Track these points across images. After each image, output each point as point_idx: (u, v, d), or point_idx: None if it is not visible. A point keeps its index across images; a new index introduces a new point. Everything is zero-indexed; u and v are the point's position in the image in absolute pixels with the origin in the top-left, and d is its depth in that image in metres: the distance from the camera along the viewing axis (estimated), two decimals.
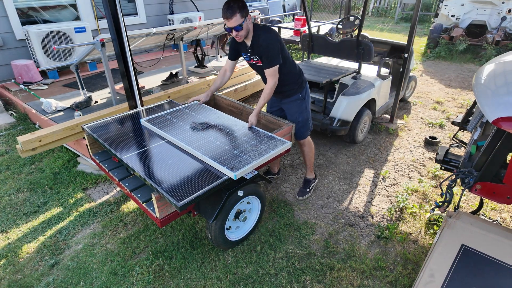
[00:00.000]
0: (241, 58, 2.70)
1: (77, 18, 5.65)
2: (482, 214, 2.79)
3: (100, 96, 4.33)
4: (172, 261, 2.31)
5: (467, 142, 2.55)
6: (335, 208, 2.85)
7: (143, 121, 2.65)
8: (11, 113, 4.34)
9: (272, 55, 2.34)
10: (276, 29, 7.63)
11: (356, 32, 3.78)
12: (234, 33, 2.29)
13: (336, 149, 3.79)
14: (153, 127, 2.55)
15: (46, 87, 4.71)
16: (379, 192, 3.07)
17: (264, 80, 2.61)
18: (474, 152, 2.21)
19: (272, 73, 2.40)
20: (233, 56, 2.70)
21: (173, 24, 6.69)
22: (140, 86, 3.83)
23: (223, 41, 6.35)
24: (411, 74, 4.86)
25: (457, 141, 2.82)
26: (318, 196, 3.01)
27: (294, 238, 2.52)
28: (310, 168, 3.01)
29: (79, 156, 3.47)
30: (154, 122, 2.63)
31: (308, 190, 2.99)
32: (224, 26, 2.32)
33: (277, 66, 2.38)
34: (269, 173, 3.25)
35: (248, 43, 2.44)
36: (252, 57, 2.52)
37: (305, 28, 6.55)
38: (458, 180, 2.47)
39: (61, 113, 3.83)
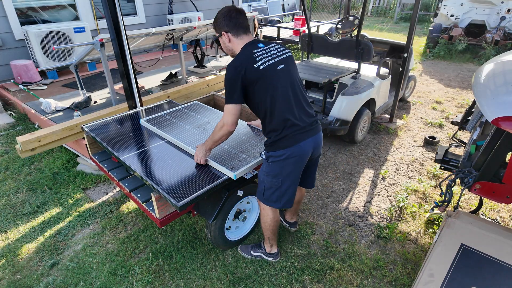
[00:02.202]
0: None
1: (76, 18, 5.64)
2: (481, 214, 2.79)
3: (99, 96, 4.33)
4: (171, 261, 2.31)
5: (467, 142, 2.55)
6: (335, 208, 2.86)
7: (142, 121, 2.65)
8: (10, 113, 4.34)
9: (225, 89, 1.79)
10: (276, 29, 7.65)
11: (355, 32, 3.77)
12: None
13: (336, 149, 3.79)
14: (153, 127, 2.55)
15: (45, 87, 4.71)
16: (379, 192, 3.07)
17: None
18: (473, 152, 2.22)
19: (225, 111, 1.81)
20: None
21: (172, 24, 6.69)
22: (139, 86, 3.83)
23: None
24: (410, 73, 4.87)
25: (457, 140, 2.83)
26: (317, 195, 3.01)
27: (293, 238, 2.52)
28: (265, 239, 2.27)
29: (78, 156, 3.46)
30: (153, 122, 2.63)
31: (252, 252, 2.33)
32: None
33: (230, 106, 1.77)
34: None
35: None
36: None
37: (305, 28, 6.55)
38: (458, 180, 2.48)
39: (61, 113, 3.82)
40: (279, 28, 7.47)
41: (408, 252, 2.40)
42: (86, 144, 2.65)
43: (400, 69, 4.02)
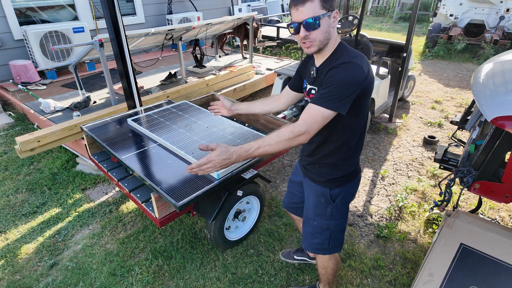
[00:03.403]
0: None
1: (76, 18, 5.64)
2: (480, 213, 2.79)
3: (98, 96, 4.32)
4: (171, 261, 2.31)
5: (466, 141, 2.55)
6: None
7: (129, 121, 2.65)
8: (9, 114, 4.33)
9: (334, 90, 1.26)
10: (275, 29, 7.64)
11: (355, 32, 3.78)
12: (302, 33, 1.28)
13: None
14: (140, 126, 2.55)
15: (44, 87, 4.70)
16: (378, 192, 3.07)
17: (318, 142, 1.49)
18: (472, 151, 2.22)
19: (312, 114, 1.29)
20: (293, 83, 1.67)
21: (171, 24, 6.68)
22: (139, 86, 3.83)
23: (222, 41, 6.35)
24: (409, 73, 4.87)
25: (456, 140, 2.83)
26: None
27: (293, 237, 2.52)
28: (324, 283, 1.94)
29: (78, 156, 3.46)
30: (140, 121, 2.64)
31: None
32: (289, 24, 1.33)
33: (329, 113, 1.28)
34: None
35: (318, 62, 1.41)
36: (311, 87, 1.46)
37: None
38: (457, 179, 2.48)
39: (60, 113, 3.82)
40: (278, 28, 7.47)
41: (407, 252, 2.40)
42: (85, 144, 2.65)
43: (400, 68, 4.02)
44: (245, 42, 6.07)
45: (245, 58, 6.14)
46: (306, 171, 1.65)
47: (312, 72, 1.43)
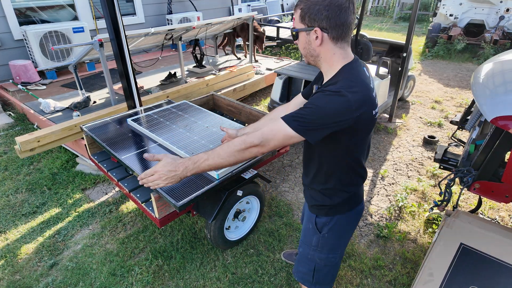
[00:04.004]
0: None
1: (75, 18, 5.64)
2: (480, 213, 2.79)
3: (98, 96, 4.32)
4: (171, 261, 2.31)
5: (466, 141, 2.55)
6: None
7: (129, 121, 2.65)
8: (9, 114, 4.33)
9: (307, 114, 1.14)
10: (275, 29, 7.64)
11: (354, 32, 3.77)
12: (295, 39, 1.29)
13: None
14: (139, 126, 2.55)
15: (44, 87, 4.70)
16: (378, 192, 3.07)
17: (305, 162, 1.45)
18: (472, 151, 2.22)
19: (274, 129, 1.19)
20: (307, 92, 1.52)
21: (171, 24, 6.68)
22: (138, 86, 3.83)
23: (232, 43, 6.31)
24: (409, 73, 4.87)
25: (456, 140, 2.83)
26: None
27: (293, 237, 2.52)
28: None
29: (77, 156, 3.46)
30: (140, 121, 2.63)
31: None
32: None
33: (294, 135, 1.15)
34: None
35: (326, 78, 1.29)
36: None
37: None
38: (457, 179, 2.48)
39: (60, 113, 3.82)
40: (278, 28, 7.48)
41: (407, 252, 2.40)
42: (85, 144, 2.64)
43: (399, 68, 4.02)
44: (247, 42, 6.06)
45: (245, 58, 6.14)
46: (304, 191, 1.57)
47: (314, 91, 1.35)
